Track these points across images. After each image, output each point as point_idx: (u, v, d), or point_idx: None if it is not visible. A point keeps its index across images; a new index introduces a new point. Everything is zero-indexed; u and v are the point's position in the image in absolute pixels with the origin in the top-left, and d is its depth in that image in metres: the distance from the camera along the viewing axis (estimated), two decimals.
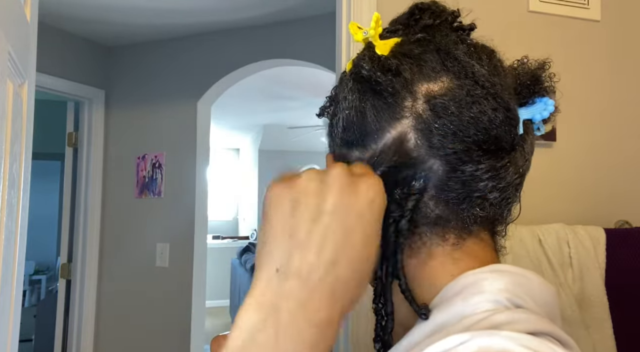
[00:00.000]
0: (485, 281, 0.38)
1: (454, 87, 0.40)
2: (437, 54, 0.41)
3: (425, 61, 0.41)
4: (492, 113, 0.39)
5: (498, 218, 0.44)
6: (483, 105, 0.39)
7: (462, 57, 0.41)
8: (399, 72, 0.41)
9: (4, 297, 0.87)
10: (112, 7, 2.34)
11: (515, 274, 0.39)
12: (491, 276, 0.38)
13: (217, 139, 6.45)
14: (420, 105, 0.40)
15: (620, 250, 1.17)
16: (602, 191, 1.37)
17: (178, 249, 2.64)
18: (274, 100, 4.76)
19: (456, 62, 0.41)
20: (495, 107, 0.40)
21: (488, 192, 0.41)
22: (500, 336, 0.31)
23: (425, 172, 0.40)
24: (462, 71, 0.40)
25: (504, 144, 0.40)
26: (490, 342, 0.31)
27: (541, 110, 0.44)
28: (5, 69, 0.81)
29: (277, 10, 2.38)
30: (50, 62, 2.51)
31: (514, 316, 0.34)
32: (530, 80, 0.45)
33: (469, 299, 0.37)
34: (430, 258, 0.41)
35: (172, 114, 2.73)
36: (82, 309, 2.66)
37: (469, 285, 0.38)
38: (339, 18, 1.30)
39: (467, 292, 0.38)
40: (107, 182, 2.80)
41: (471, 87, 0.40)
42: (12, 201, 0.91)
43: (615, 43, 1.43)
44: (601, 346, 1.10)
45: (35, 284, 5.55)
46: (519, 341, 0.31)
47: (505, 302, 0.36)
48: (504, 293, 0.37)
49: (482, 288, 0.37)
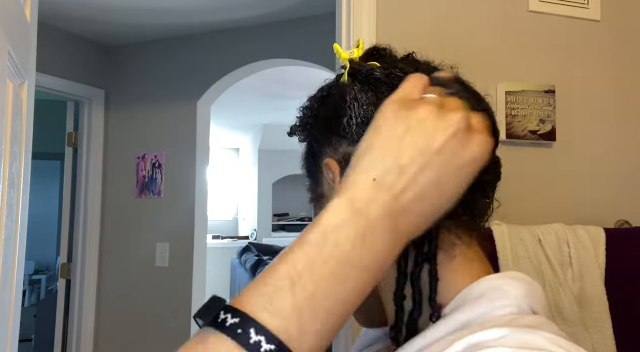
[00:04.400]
0: (507, 287, 0.40)
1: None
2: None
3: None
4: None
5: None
6: None
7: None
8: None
9: (4, 297, 0.87)
10: (112, 7, 2.34)
11: (528, 283, 0.41)
12: (511, 283, 0.40)
13: (217, 139, 6.45)
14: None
15: (620, 250, 1.17)
16: (602, 191, 1.37)
17: (178, 249, 2.64)
18: (274, 100, 4.75)
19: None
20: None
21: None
22: (539, 335, 0.33)
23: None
24: None
25: None
26: (530, 339, 0.33)
27: None
28: (5, 69, 0.81)
29: (277, 10, 2.38)
30: (50, 62, 2.51)
31: (539, 320, 0.37)
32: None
33: (495, 302, 0.39)
34: (451, 256, 0.43)
35: (172, 114, 2.73)
36: (82, 309, 2.66)
37: (492, 289, 0.40)
38: (339, 18, 1.30)
39: (492, 296, 0.39)
40: (107, 182, 2.80)
41: None
42: (12, 201, 0.91)
43: (615, 43, 1.43)
44: (601, 346, 1.10)
45: (35, 284, 5.55)
46: (556, 342, 0.33)
47: (527, 308, 0.39)
48: (526, 300, 0.39)
49: (506, 293, 0.39)
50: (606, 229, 1.19)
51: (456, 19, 1.33)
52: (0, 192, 0.82)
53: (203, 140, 2.73)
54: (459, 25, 1.33)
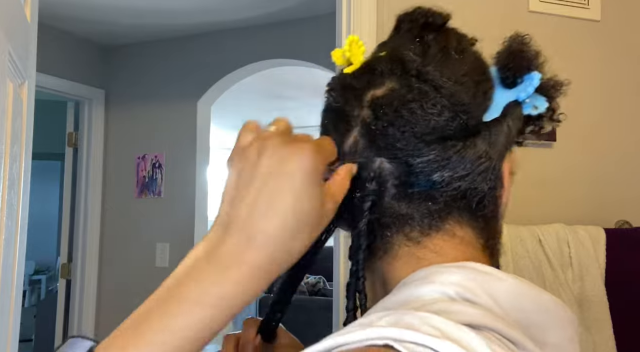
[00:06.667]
0: (438, 274, 0.37)
1: (395, 87, 0.41)
2: (388, 59, 0.43)
3: (375, 69, 0.43)
4: (428, 104, 0.40)
5: (473, 210, 0.42)
6: (421, 98, 0.40)
7: (407, 56, 0.42)
8: (351, 86, 0.43)
9: (4, 297, 0.87)
10: (112, 7, 2.34)
11: (478, 271, 0.37)
12: (449, 270, 0.37)
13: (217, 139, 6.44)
14: (365, 111, 0.41)
15: (620, 250, 1.17)
16: (602, 191, 1.37)
17: (178, 249, 2.64)
18: (274, 100, 4.76)
19: (400, 63, 0.42)
20: (433, 98, 0.40)
21: (447, 184, 0.40)
22: (413, 315, 0.31)
23: (375, 172, 0.41)
24: (404, 70, 0.41)
25: (449, 132, 0.40)
26: (400, 318, 0.31)
27: (526, 87, 0.44)
28: (5, 69, 0.81)
29: (277, 10, 2.38)
30: (50, 62, 2.51)
31: (451, 306, 0.33)
32: (508, 59, 0.45)
33: (417, 288, 0.37)
34: (395, 259, 0.42)
35: (172, 114, 2.73)
36: (82, 309, 2.66)
37: (422, 277, 0.38)
38: (339, 18, 1.30)
39: (418, 283, 0.37)
40: (107, 182, 2.80)
41: (410, 83, 0.41)
42: (12, 201, 0.91)
43: (615, 43, 1.43)
44: (601, 346, 1.10)
45: (35, 284, 5.55)
46: (427, 320, 0.31)
47: (453, 294, 0.35)
48: (454, 286, 0.35)
49: (432, 279, 0.37)
50: (606, 229, 1.19)
51: (456, 19, 1.33)
52: (0, 192, 0.82)
53: (203, 140, 2.73)
54: (458, 25, 1.33)
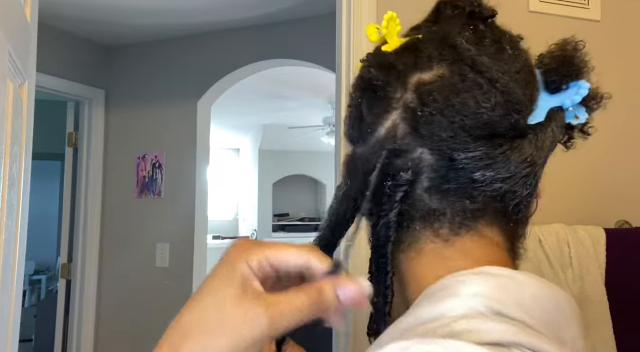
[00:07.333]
0: (462, 284, 0.35)
1: (445, 74, 0.39)
2: (438, 43, 0.40)
3: (422, 51, 0.40)
4: (482, 97, 0.38)
5: (508, 214, 0.41)
6: (474, 90, 0.38)
7: (460, 43, 0.40)
8: (393, 66, 0.40)
9: (4, 297, 0.87)
10: (112, 7, 2.34)
11: (502, 276, 0.35)
12: (471, 279, 0.35)
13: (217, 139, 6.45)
14: (409, 95, 0.39)
15: (620, 250, 1.17)
16: (602, 191, 1.37)
17: (178, 249, 2.64)
18: (274, 100, 4.75)
19: (452, 49, 0.39)
20: (488, 91, 0.38)
21: (487, 184, 0.38)
22: (440, 345, 0.29)
23: (413, 162, 0.39)
24: (457, 57, 0.39)
25: (499, 130, 0.38)
26: (427, 349, 0.29)
27: (572, 95, 0.41)
28: (5, 69, 0.81)
29: (277, 10, 2.38)
30: (50, 62, 2.51)
31: (476, 324, 0.31)
32: (558, 63, 0.43)
33: (440, 303, 0.34)
34: (420, 254, 0.40)
35: (172, 114, 2.73)
36: (82, 309, 2.66)
37: (445, 288, 0.35)
38: (339, 18, 1.30)
39: (440, 295, 0.35)
40: (107, 182, 2.80)
41: (464, 72, 0.38)
42: (12, 201, 0.91)
43: (615, 43, 1.43)
44: (601, 346, 1.10)
45: (35, 284, 5.55)
46: (456, 349, 0.29)
47: (481, 307, 0.33)
48: (480, 298, 0.33)
49: (457, 291, 0.34)
50: (606, 229, 1.19)
51: None
52: (0, 192, 0.82)
53: (203, 140, 2.73)
54: None
